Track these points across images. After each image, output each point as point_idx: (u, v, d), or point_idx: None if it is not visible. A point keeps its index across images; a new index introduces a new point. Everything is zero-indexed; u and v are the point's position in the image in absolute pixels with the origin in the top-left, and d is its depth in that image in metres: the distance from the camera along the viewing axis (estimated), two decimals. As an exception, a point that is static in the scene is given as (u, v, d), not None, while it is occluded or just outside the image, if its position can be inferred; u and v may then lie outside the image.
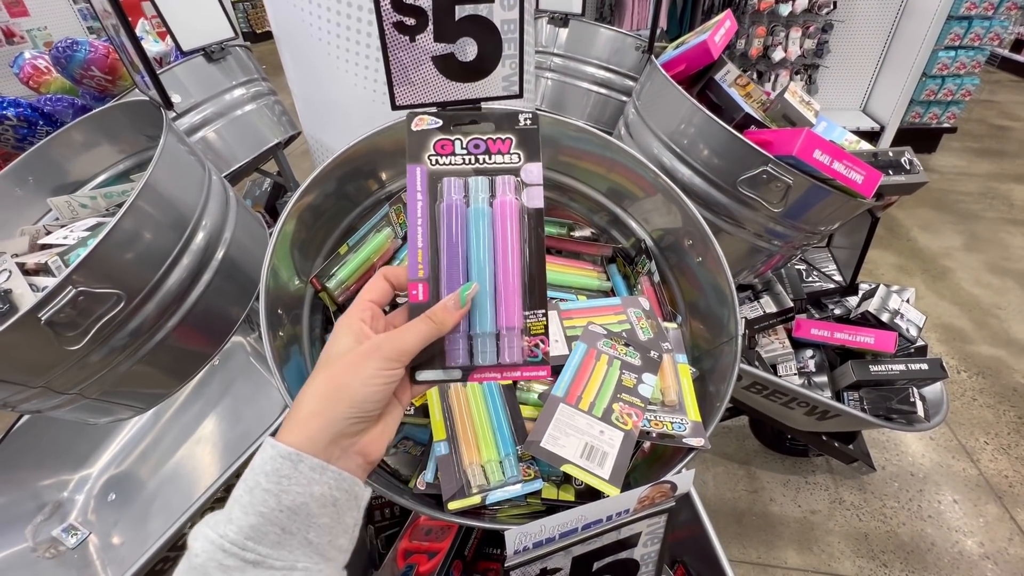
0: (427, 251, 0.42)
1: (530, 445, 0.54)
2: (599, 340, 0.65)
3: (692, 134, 1.03)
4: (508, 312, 0.42)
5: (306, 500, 0.34)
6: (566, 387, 0.60)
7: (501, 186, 0.44)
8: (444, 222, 0.43)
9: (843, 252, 1.43)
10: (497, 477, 0.56)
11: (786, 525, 1.59)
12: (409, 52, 0.74)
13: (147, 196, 0.78)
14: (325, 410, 0.36)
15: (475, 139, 0.46)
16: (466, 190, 0.44)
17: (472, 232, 0.43)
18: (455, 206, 0.43)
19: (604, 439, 0.55)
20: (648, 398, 0.60)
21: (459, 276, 0.42)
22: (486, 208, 0.44)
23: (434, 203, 0.43)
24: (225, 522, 0.33)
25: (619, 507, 0.51)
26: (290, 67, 1.20)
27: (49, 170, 1.04)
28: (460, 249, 0.43)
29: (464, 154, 0.45)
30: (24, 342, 0.69)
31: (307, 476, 0.34)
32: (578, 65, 1.70)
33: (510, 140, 0.46)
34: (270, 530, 0.33)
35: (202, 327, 0.93)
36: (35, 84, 1.45)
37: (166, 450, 1.36)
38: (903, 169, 1.05)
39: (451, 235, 0.43)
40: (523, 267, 0.43)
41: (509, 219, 0.43)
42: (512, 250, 0.43)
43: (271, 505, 0.33)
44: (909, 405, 1.16)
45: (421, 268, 0.42)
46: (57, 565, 1.15)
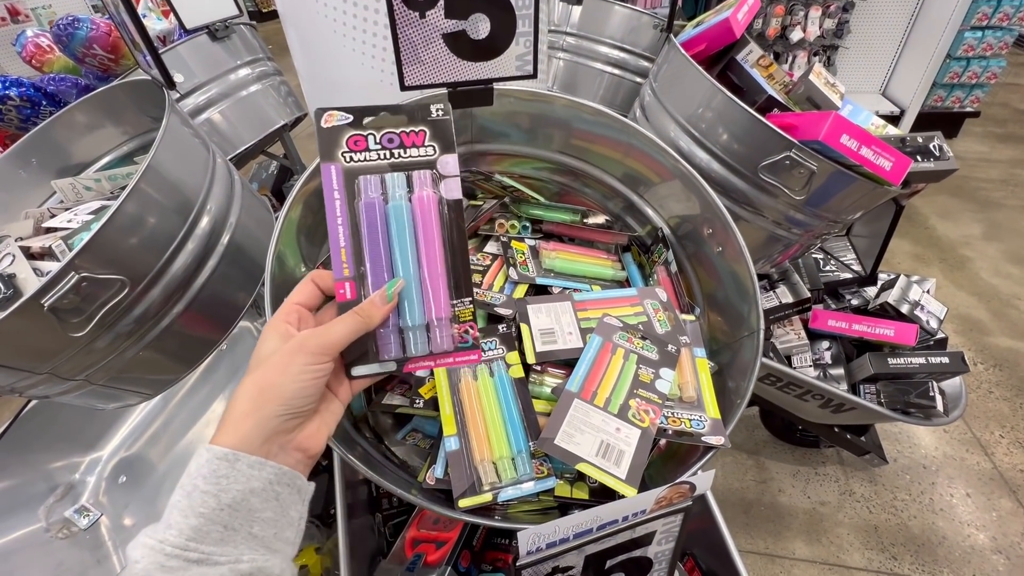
0: (350, 250, 0.43)
1: (544, 443, 0.52)
2: (615, 333, 0.63)
3: (712, 117, 0.99)
4: (436, 303, 0.44)
5: (246, 496, 0.34)
6: (581, 382, 0.58)
7: (418, 181, 0.44)
8: (364, 220, 0.43)
9: (863, 241, 1.39)
10: (509, 475, 0.55)
11: (795, 516, 1.58)
12: (419, 29, 0.70)
13: (150, 179, 0.76)
14: (256, 409, 0.36)
15: (388, 133, 0.45)
16: (383, 187, 0.44)
17: (393, 228, 0.43)
18: (374, 204, 0.43)
19: (620, 437, 0.53)
20: (666, 394, 0.58)
21: (384, 273, 0.43)
22: (405, 204, 0.44)
23: (352, 200, 0.43)
24: (164, 528, 0.33)
25: (635, 508, 0.49)
26: (296, 47, 1.16)
27: (52, 152, 1.02)
28: (382, 246, 0.43)
29: (378, 149, 0.44)
30: (28, 328, 0.68)
31: (245, 473, 0.34)
32: (591, 45, 1.64)
33: (424, 132, 0.45)
34: (212, 528, 0.33)
35: (208, 313, 0.92)
36: (38, 63, 1.42)
37: (175, 433, 1.36)
38: (932, 155, 1.00)
39: (372, 233, 0.43)
40: (446, 258, 0.44)
41: (430, 213, 0.44)
42: (435, 243, 0.44)
43: (211, 505, 0.33)
44: (928, 399, 1.13)
45: (346, 267, 0.42)
46: (70, 545, 1.16)
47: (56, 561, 1.13)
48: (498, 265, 0.78)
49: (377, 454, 0.71)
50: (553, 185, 0.97)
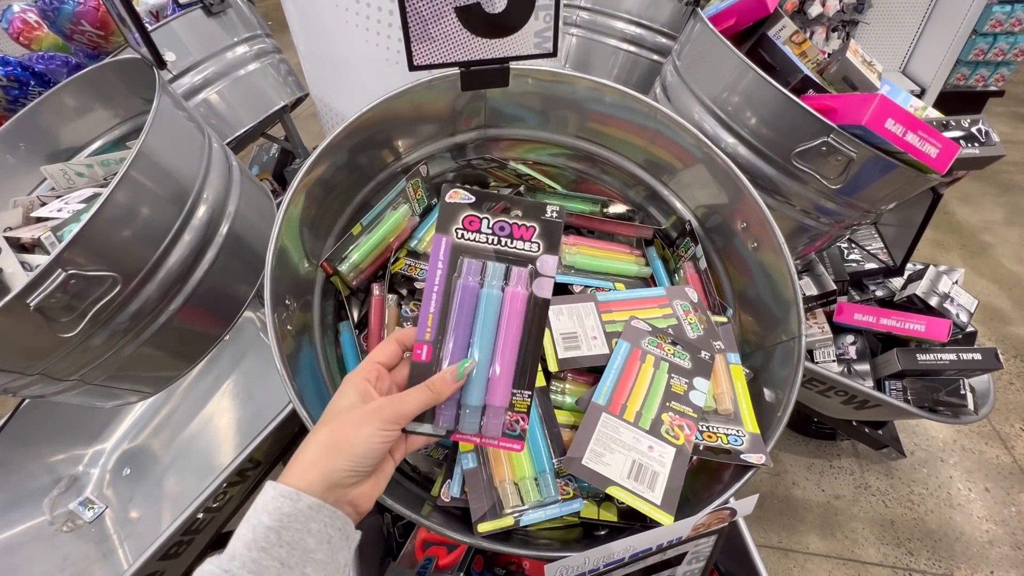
0: (437, 317, 0.46)
1: (570, 462, 0.48)
2: (644, 338, 0.58)
3: (741, 99, 0.92)
4: (497, 392, 0.46)
5: (303, 536, 0.37)
6: (609, 394, 0.53)
7: (515, 277, 0.47)
8: (458, 297, 0.46)
9: (892, 230, 1.33)
10: (532, 496, 0.50)
11: (809, 509, 1.55)
12: (429, 2, 0.64)
13: (141, 166, 0.71)
14: (325, 460, 0.39)
15: (501, 222, 0.48)
16: (483, 273, 0.47)
17: (480, 312, 0.47)
18: (470, 287, 0.47)
19: (654, 456, 0.49)
20: (701, 407, 0.53)
21: (461, 349, 0.46)
22: (497, 294, 0.47)
23: (452, 274, 0.47)
24: (229, 559, 0.35)
25: (671, 536, 0.45)
26: (295, 23, 1.09)
27: (41, 135, 0.97)
28: (466, 325, 0.46)
29: (488, 233, 0.48)
30: (14, 328, 0.64)
31: (305, 514, 0.37)
32: (606, 20, 1.56)
33: (533, 228, 0.48)
34: (271, 564, 0.35)
35: (209, 307, 0.88)
36: (26, 40, 1.35)
37: (178, 426, 1.34)
38: (977, 140, 0.93)
39: (461, 310, 0.46)
40: (520, 351, 0.47)
41: (517, 309, 0.47)
42: (513, 337, 0.46)
43: (272, 540, 0.36)
44: (959, 397, 1.08)
45: (429, 331, 0.46)
46: (75, 538, 1.15)
47: (62, 554, 1.12)
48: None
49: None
50: (570, 172, 0.91)
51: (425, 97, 0.71)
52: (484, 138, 0.83)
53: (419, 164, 0.77)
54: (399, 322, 0.70)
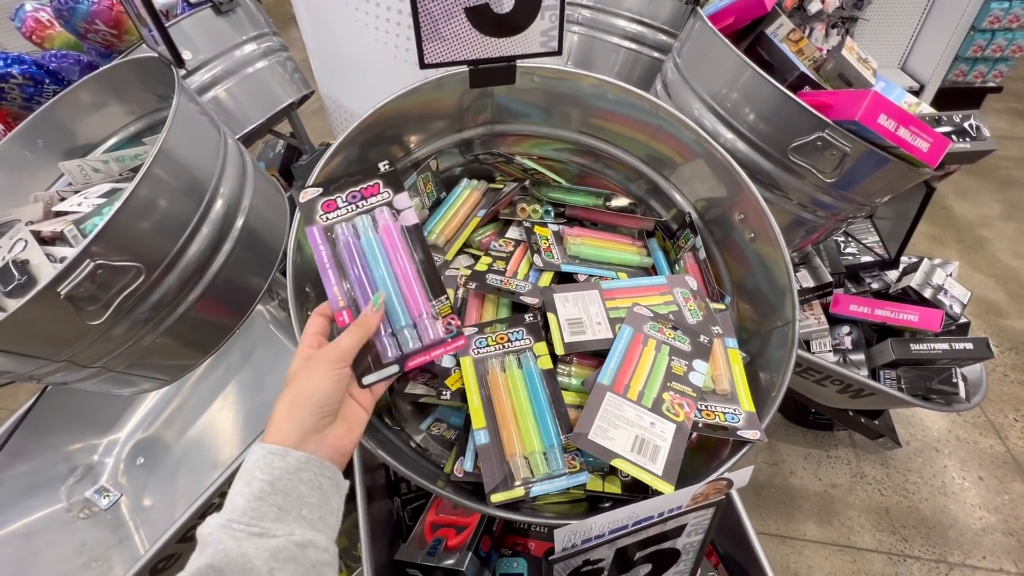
0: (339, 285, 0.53)
1: (577, 437, 0.51)
2: (645, 323, 0.61)
3: (739, 95, 0.95)
4: (416, 304, 0.54)
5: (296, 484, 0.41)
6: (613, 375, 0.56)
7: (379, 217, 0.56)
8: (345, 257, 0.54)
9: (887, 223, 1.36)
10: (542, 469, 0.54)
11: (806, 498, 1.58)
12: (440, 3, 0.67)
13: (162, 162, 0.74)
14: (292, 412, 0.44)
15: (350, 192, 0.56)
16: (355, 228, 0.55)
17: (368, 255, 0.54)
18: (348, 241, 0.54)
19: (655, 432, 0.52)
20: (700, 387, 0.57)
21: (368, 292, 0.53)
22: (373, 235, 0.55)
23: (335, 248, 0.54)
24: (229, 511, 0.39)
25: (672, 504, 0.48)
26: (305, 21, 1.12)
27: (58, 132, 1.00)
28: (363, 273, 0.53)
29: (346, 206, 0.56)
30: (45, 316, 0.67)
31: (294, 466, 0.41)
32: (608, 18, 1.58)
33: (377, 184, 0.57)
34: (268, 510, 0.39)
35: (224, 299, 0.91)
36: (39, 39, 1.38)
37: (191, 416, 1.37)
38: (969, 135, 0.96)
39: (353, 265, 0.54)
40: (416, 269, 0.55)
41: (393, 236, 0.55)
42: (402, 258, 0.54)
43: (267, 490, 0.39)
44: (951, 386, 1.11)
45: (340, 300, 0.52)
46: (92, 525, 1.18)
47: (79, 540, 1.15)
48: (521, 251, 0.76)
49: (399, 442, 0.70)
50: (574, 167, 0.94)
51: (435, 94, 0.74)
52: (491, 133, 0.86)
53: (429, 159, 0.80)
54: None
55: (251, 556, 0.36)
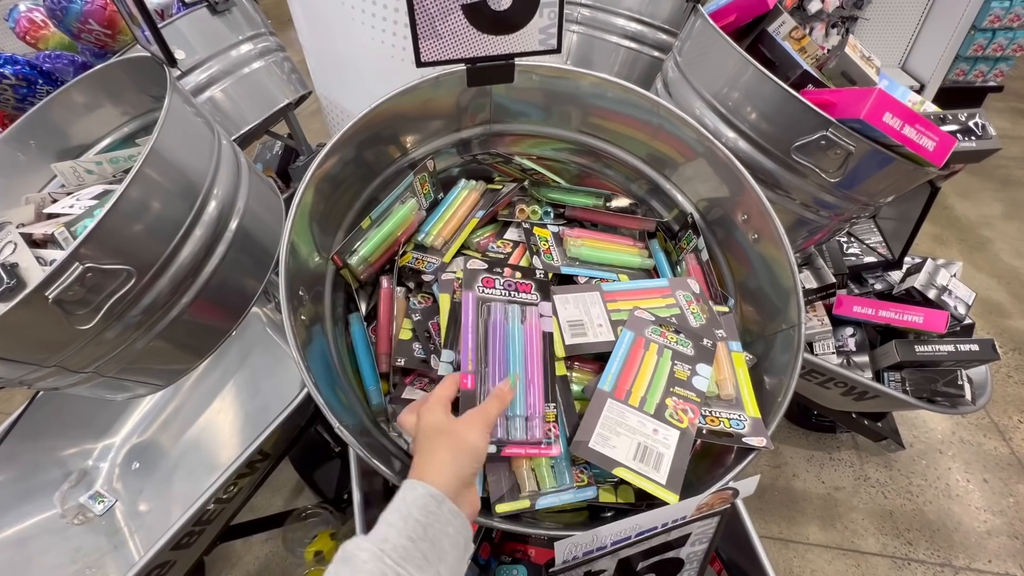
0: (475, 352, 0.56)
1: (577, 446, 0.49)
2: (647, 327, 0.60)
3: (741, 94, 0.93)
4: (534, 402, 0.55)
5: (442, 537, 0.41)
6: (614, 380, 0.55)
7: (531, 315, 0.61)
8: (492, 332, 0.58)
9: (890, 223, 1.34)
10: (548, 483, 0.52)
11: (809, 501, 1.57)
12: (436, 0, 0.66)
13: (154, 163, 0.72)
14: (456, 460, 0.45)
15: (508, 280, 0.63)
16: (506, 312, 0.60)
17: (510, 342, 0.58)
18: (498, 321, 0.59)
19: (658, 439, 0.51)
20: (704, 392, 0.55)
21: (502, 370, 0.56)
22: (519, 327, 0.60)
23: (479, 318, 0.59)
24: (382, 540, 0.39)
25: (675, 515, 0.47)
26: (301, 21, 1.11)
27: (51, 133, 0.98)
28: (501, 352, 0.57)
29: (501, 289, 0.62)
30: (33, 320, 0.65)
31: (446, 517, 0.42)
32: (607, 16, 1.57)
33: (531, 285, 0.63)
34: (416, 555, 0.39)
35: (218, 302, 0.89)
36: (32, 39, 1.37)
37: (187, 420, 1.35)
38: (974, 134, 0.95)
39: (496, 339, 0.58)
40: (544, 372, 0.57)
41: (535, 336, 0.59)
42: (537, 359, 0.57)
43: (419, 534, 0.40)
44: (956, 388, 1.10)
45: (471, 363, 0.55)
46: (86, 531, 1.17)
47: (73, 547, 1.14)
48: (520, 252, 0.74)
49: (395, 448, 0.69)
50: (573, 167, 0.92)
51: (432, 93, 0.73)
52: (489, 133, 0.84)
53: (426, 159, 0.78)
54: (407, 313, 0.72)
55: None
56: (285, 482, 1.65)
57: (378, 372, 0.69)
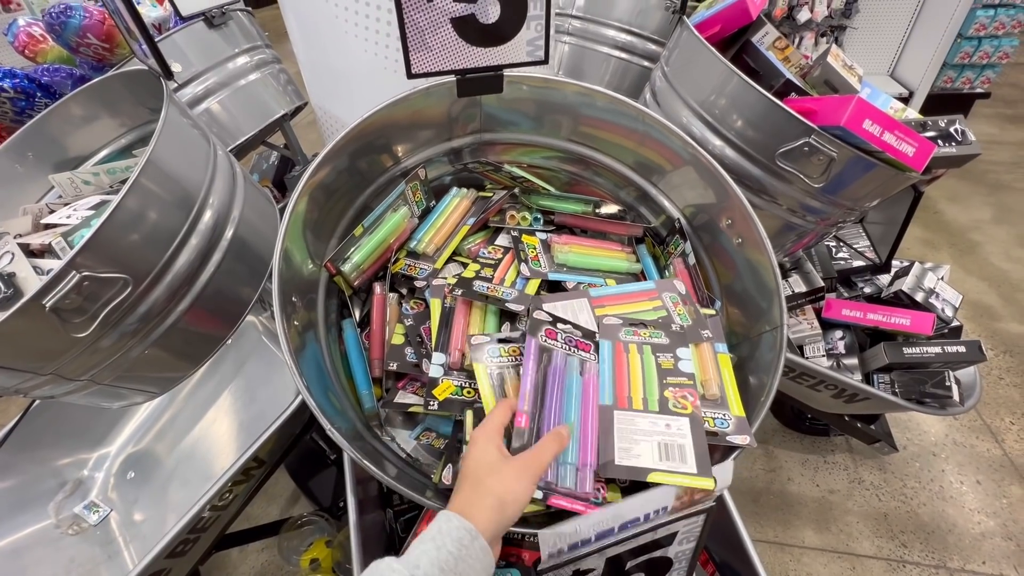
0: (534, 393, 0.56)
1: (606, 467, 0.51)
2: (619, 331, 0.61)
3: (727, 102, 0.96)
4: (588, 453, 0.54)
5: (469, 573, 0.42)
6: (610, 392, 0.56)
7: (587, 367, 0.61)
8: (552, 376, 0.59)
9: (878, 228, 1.36)
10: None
11: (804, 504, 1.57)
12: (426, 13, 0.67)
13: (150, 173, 0.74)
14: (496, 509, 0.45)
15: (570, 336, 0.63)
16: (567, 362, 0.60)
17: (568, 391, 0.58)
18: (559, 368, 0.60)
19: (673, 432, 0.52)
20: (693, 374, 0.57)
21: (558, 415, 0.56)
22: (577, 377, 0.60)
23: (539, 365, 0.59)
24: (414, 566, 0.41)
25: (657, 504, 0.48)
26: (295, 33, 1.13)
27: (49, 145, 1.00)
28: (560, 398, 0.57)
29: (562, 343, 0.62)
30: (30, 329, 0.66)
31: (477, 553, 0.43)
32: (598, 28, 1.60)
33: (590, 346, 0.63)
34: None
35: (214, 310, 0.90)
36: (31, 53, 1.39)
37: (182, 429, 1.36)
38: (954, 140, 0.97)
39: (554, 386, 0.58)
40: (598, 425, 0.56)
41: (590, 388, 0.59)
42: (593, 410, 0.57)
43: (450, 565, 0.41)
44: (944, 389, 1.11)
45: (528, 404, 0.55)
46: (80, 541, 1.16)
47: (67, 557, 1.13)
48: (509, 259, 0.76)
49: (388, 452, 0.70)
50: (563, 175, 0.94)
51: (423, 104, 0.74)
52: (480, 142, 0.86)
53: (417, 168, 0.80)
54: (400, 319, 0.73)
55: None
56: (281, 491, 1.65)
57: (371, 377, 0.70)
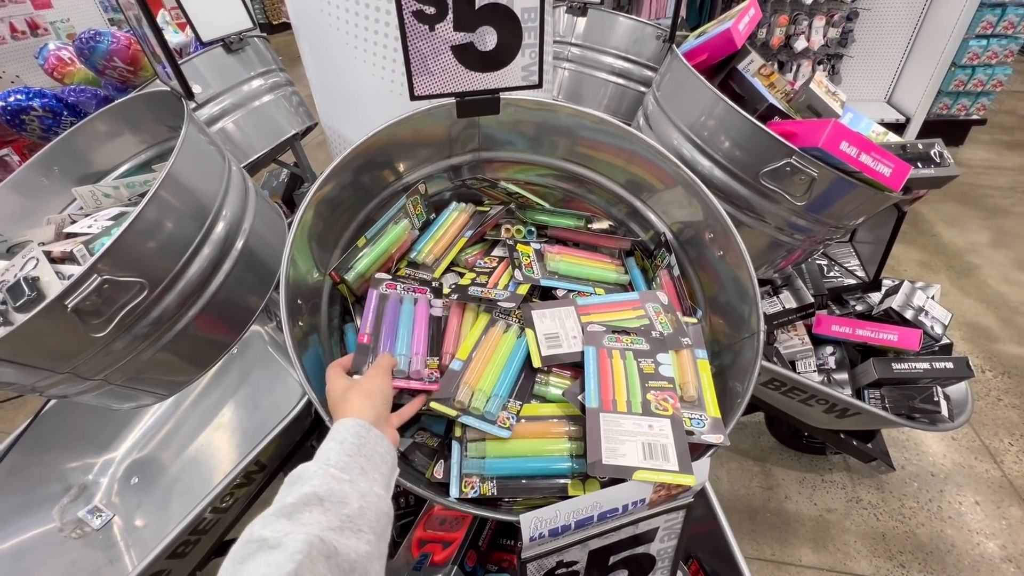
0: (374, 319, 0.72)
1: (594, 466, 0.54)
2: (603, 338, 0.65)
3: (714, 125, 1.01)
4: (419, 345, 0.70)
5: (374, 453, 0.50)
6: (596, 396, 0.59)
7: (420, 299, 0.76)
8: (389, 308, 0.73)
9: (867, 247, 1.40)
10: (479, 406, 0.62)
11: (801, 523, 1.57)
12: (428, 42, 0.73)
13: (169, 186, 0.79)
14: (368, 403, 0.56)
15: (407, 285, 0.78)
16: (401, 301, 0.75)
17: (401, 314, 0.73)
18: (395, 302, 0.75)
19: (656, 432, 0.55)
20: (673, 377, 0.60)
21: (392, 331, 0.71)
22: (411, 306, 0.74)
23: (380, 306, 0.74)
24: (324, 460, 0.48)
25: (635, 496, 0.51)
26: (308, 57, 1.20)
27: (73, 160, 1.06)
28: (393, 318, 0.73)
29: (400, 289, 0.76)
30: (51, 329, 0.71)
31: (374, 439, 0.52)
32: (596, 55, 1.68)
33: (425, 289, 0.78)
34: (355, 466, 0.48)
35: (222, 316, 0.94)
36: (59, 75, 1.47)
37: (187, 436, 1.39)
38: (933, 162, 1.01)
39: (391, 313, 0.73)
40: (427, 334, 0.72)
41: (423, 312, 0.74)
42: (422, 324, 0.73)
43: (355, 451, 0.49)
44: (933, 404, 1.13)
45: (368, 325, 0.70)
46: (83, 545, 1.18)
47: (70, 560, 1.15)
48: (503, 267, 0.80)
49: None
50: (558, 192, 0.99)
51: (424, 124, 0.80)
52: (478, 160, 0.91)
53: (418, 183, 0.85)
54: (398, 324, 0.77)
55: (347, 493, 0.44)
56: (280, 501, 1.67)
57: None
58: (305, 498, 0.42)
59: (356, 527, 0.42)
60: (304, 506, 0.41)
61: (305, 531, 0.39)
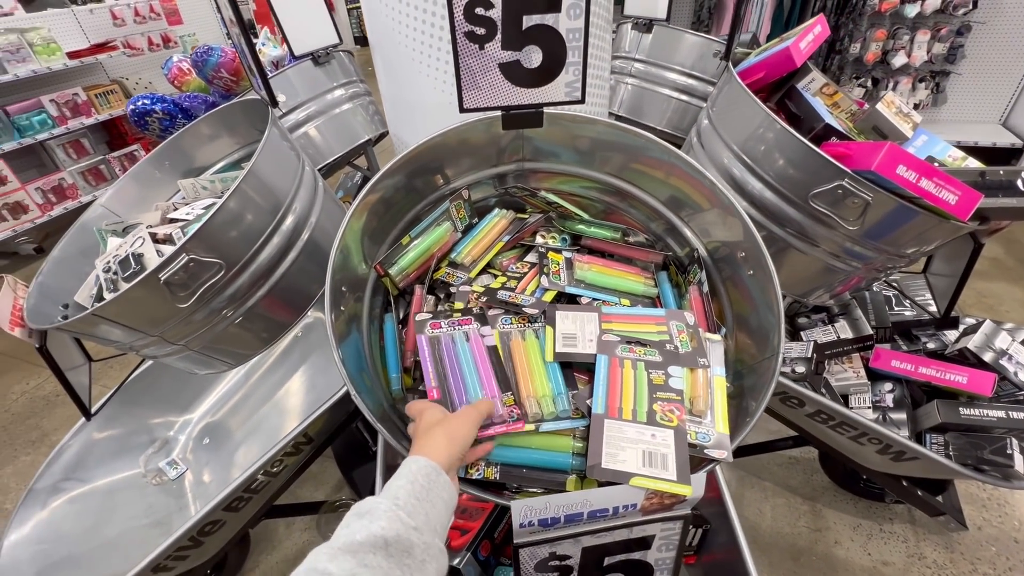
0: (435, 371, 0.70)
1: (592, 469, 0.56)
2: (616, 347, 0.67)
3: (765, 145, 0.99)
4: (490, 388, 0.69)
5: (438, 500, 0.51)
6: (603, 402, 0.61)
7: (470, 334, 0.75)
8: (445, 352, 0.72)
9: (941, 280, 1.29)
10: (549, 410, 0.64)
11: (851, 572, 1.46)
12: (478, 59, 0.79)
13: (250, 182, 0.91)
14: (448, 446, 0.55)
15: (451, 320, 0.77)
16: (453, 339, 0.74)
17: (459, 355, 0.72)
18: (448, 345, 0.73)
19: (658, 442, 0.57)
20: (683, 390, 0.61)
21: (458, 376, 0.70)
22: (463, 343, 0.73)
23: (433, 351, 0.73)
24: (393, 499, 0.49)
25: (625, 500, 0.52)
26: (381, 71, 1.31)
27: (181, 157, 1.23)
28: (455, 363, 0.71)
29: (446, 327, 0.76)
30: (147, 297, 0.84)
31: (442, 485, 0.52)
32: (660, 71, 1.68)
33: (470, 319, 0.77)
34: (420, 511, 0.49)
35: (285, 299, 1.06)
36: (179, 83, 1.71)
37: (252, 407, 1.54)
38: (1017, 192, 0.93)
39: (449, 358, 0.72)
40: (492, 369, 0.70)
41: (480, 344, 0.73)
42: (484, 358, 0.72)
43: (423, 496, 0.50)
44: (1005, 457, 1.02)
45: (433, 379, 0.69)
46: (159, 491, 1.36)
47: (148, 503, 1.32)
48: (533, 273, 0.84)
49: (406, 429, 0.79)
50: (600, 204, 1.01)
51: (472, 134, 0.86)
52: (523, 170, 0.96)
53: (462, 188, 0.91)
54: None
55: (412, 543, 0.46)
56: (329, 478, 1.79)
57: (402, 365, 0.80)
58: (372, 539, 0.44)
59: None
60: (371, 548, 0.43)
61: (369, 575, 0.41)
